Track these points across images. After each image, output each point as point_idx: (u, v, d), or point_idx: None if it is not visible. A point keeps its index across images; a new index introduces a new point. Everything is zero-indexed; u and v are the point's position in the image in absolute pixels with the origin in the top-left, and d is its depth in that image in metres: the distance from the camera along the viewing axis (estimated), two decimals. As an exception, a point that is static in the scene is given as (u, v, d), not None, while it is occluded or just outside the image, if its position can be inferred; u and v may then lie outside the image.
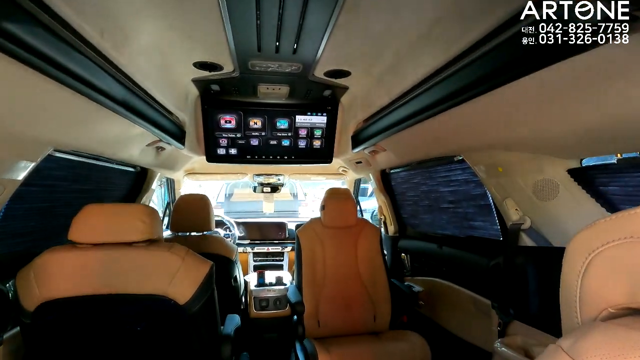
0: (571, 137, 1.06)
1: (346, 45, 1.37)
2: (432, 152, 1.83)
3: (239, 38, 1.29)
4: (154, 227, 1.25)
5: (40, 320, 1.13)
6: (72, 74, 0.88)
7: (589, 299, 0.47)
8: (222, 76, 1.70)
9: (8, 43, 0.68)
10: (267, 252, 3.40)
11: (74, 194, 1.74)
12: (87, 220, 1.18)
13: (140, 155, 1.84)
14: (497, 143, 1.32)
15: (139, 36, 1.17)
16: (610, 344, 0.39)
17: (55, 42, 0.80)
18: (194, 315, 1.24)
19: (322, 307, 2.13)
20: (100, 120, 1.22)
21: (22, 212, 1.41)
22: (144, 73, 1.27)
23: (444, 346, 2.07)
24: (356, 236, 2.29)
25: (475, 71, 0.97)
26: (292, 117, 2.23)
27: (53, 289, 1.13)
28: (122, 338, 1.21)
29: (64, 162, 1.51)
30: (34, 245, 1.52)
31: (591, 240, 0.48)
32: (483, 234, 1.88)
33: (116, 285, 1.17)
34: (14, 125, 0.98)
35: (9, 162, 1.11)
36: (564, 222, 1.30)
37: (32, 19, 0.71)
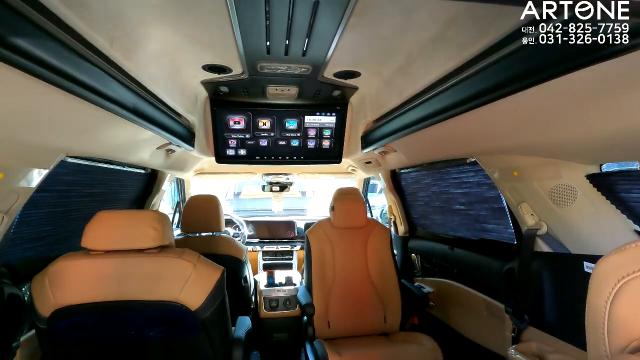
0: (590, 143, 1.02)
1: (356, 47, 1.35)
2: (443, 154, 1.80)
3: (248, 41, 1.27)
4: (165, 233, 1.25)
5: (55, 325, 1.15)
6: (83, 85, 0.88)
7: (619, 327, 0.45)
8: (231, 78, 1.70)
9: (21, 58, 0.68)
10: (276, 250, 3.41)
11: (86, 198, 1.76)
12: (100, 228, 1.19)
13: (150, 157, 1.85)
14: (513, 147, 1.29)
15: (149, 43, 1.17)
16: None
17: (66, 54, 0.79)
18: (206, 320, 1.25)
19: (332, 308, 2.13)
20: (111, 127, 1.23)
21: (35, 218, 1.43)
22: (153, 78, 1.27)
23: (455, 349, 2.05)
24: (366, 237, 2.28)
25: (490, 77, 0.94)
26: (301, 118, 2.22)
27: (67, 295, 1.15)
28: (135, 344, 1.22)
29: (74, 167, 1.53)
30: (47, 249, 1.54)
31: (621, 266, 0.45)
32: (496, 237, 1.85)
33: (129, 291, 1.18)
34: (28, 135, 0.98)
35: (23, 171, 1.12)
36: (582, 228, 1.26)
37: (44, 33, 0.71)
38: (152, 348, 1.23)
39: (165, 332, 1.22)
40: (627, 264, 0.45)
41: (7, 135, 0.93)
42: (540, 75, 0.80)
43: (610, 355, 0.45)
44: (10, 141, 0.97)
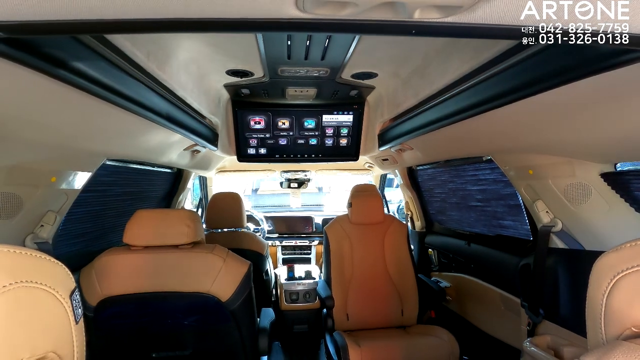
0: (605, 142, 1.05)
1: (374, 50, 1.39)
2: (459, 152, 1.83)
3: (270, 48, 1.34)
4: (197, 230, 1.35)
5: (101, 314, 1.27)
6: (125, 97, 0.98)
7: (613, 317, 0.51)
8: (252, 81, 1.77)
9: (77, 77, 0.77)
10: (295, 245, 3.51)
11: (121, 197, 1.89)
12: (139, 225, 1.30)
13: (177, 158, 1.96)
14: (528, 146, 1.32)
15: (179, 53, 1.26)
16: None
17: (113, 71, 0.89)
18: (234, 311, 1.35)
19: (350, 301, 2.20)
20: (145, 132, 1.33)
21: (78, 216, 1.56)
22: (182, 85, 1.36)
23: (472, 342, 2.10)
24: (383, 232, 2.33)
25: (507, 80, 0.97)
26: (319, 117, 2.28)
27: (112, 286, 1.27)
28: (172, 331, 1.34)
29: (112, 168, 1.65)
30: (88, 244, 1.68)
31: (618, 263, 0.51)
32: (513, 234, 1.88)
33: (165, 283, 1.29)
34: (77, 142, 1.10)
35: (71, 174, 1.24)
36: (596, 225, 1.29)
37: (96, 54, 0.80)
38: (187, 335, 1.34)
39: (198, 321, 1.32)
40: (623, 261, 0.50)
41: (60, 142, 1.04)
42: (556, 79, 0.83)
43: (606, 342, 0.51)
44: (63, 148, 1.09)
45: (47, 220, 1.25)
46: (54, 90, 0.78)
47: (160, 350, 1.37)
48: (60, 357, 0.47)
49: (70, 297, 0.49)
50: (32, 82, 0.72)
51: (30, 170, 1.12)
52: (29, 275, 0.43)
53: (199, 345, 1.37)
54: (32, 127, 0.91)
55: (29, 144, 1.00)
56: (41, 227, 1.24)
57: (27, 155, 1.06)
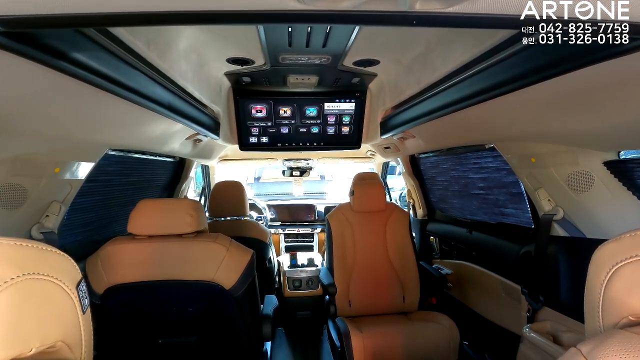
0: (609, 130, 1.04)
1: (376, 36, 1.37)
2: (462, 140, 1.82)
3: (270, 36, 1.33)
4: (200, 220, 1.37)
5: (107, 302, 1.30)
6: (127, 87, 0.98)
7: (611, 306, 0.51)
8: (253, 69, 1.76)
9: (78, 69, 0.77)
10: (297, 233, 3.54)
11: (124, 187, 1.90)
12: (143, 215, 1.32)
13: (179, 147, 1.96)
14: (531, 135, 1.31)
15: (179, 42, 1.24)
16: (627, 352, 0.44)
17: (114, 62, 0.88)
18: (238, 298, 1.37)
19: (352, 288, 2.23)
20: (147, 122, 1.33)
21: (82, 206, 1.58)
22: (183, 74, 1.35)
23: (472, 328, 2.13)
24: (385, 220, 2.34)
25: (510, 68, 0.96)
26: (320, 105, 2.27)
27: (118, 275, 1.29)
28: (176, 318, 1.37)
29: (114, 158, 1.65)
30: (92, 234, 1.70)
31: (616, 253, 0.51)
32: (514, 221, 1.88)
33: (170, 272, 1.31)
34: (80, 133, 1.10)
35: (75, 164, 1.24)
36: (598, 214, 1.29)
37: (97, 45, 0.80)
38: (192, 322, 1.37)
39: (203, 308, 1.35)
40: (622, 251, 0.51)
41: (63, 133, 1.05)
42: (559, 67, 0.82)
43: (603, 330, 0.52)
44: (65, 139, 1.09)
45: (52, 210, 1.27)
46: (55, 81, 0.78)
47: (166, 337, 1.40)
48: (69, 345, 0.48)
49: (77, 288, 0.50)
50: (33, 74, 0.72)
51: (33, 161, 1.13)
52: (36, 268, 0.44)
53: (204, 332, 1.40)
54: (35, 119, 0.92)
55: (31, 136, 1.01)
56: (46, 217, 1.26)
57: (30, 146, 1.07)
